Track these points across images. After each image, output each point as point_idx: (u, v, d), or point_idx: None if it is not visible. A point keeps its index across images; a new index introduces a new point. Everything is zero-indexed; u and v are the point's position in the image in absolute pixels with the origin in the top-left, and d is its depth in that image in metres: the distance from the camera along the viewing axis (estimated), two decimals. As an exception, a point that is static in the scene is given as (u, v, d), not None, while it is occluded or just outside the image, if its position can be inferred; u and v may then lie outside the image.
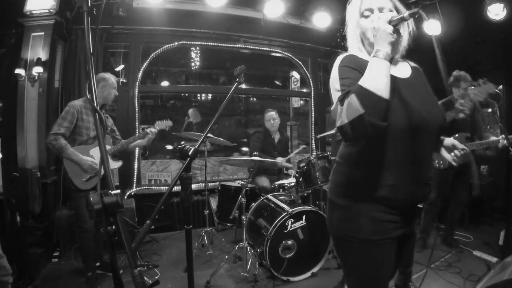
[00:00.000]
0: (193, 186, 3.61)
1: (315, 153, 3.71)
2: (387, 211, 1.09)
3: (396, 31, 1.02)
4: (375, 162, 1.07)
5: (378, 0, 1.15)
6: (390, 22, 1.01)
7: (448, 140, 1.27)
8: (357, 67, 1.08)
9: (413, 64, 1.28)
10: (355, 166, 1.13)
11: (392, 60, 1.02)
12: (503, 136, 2.40)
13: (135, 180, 3.80)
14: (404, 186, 1.08)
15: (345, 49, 1.43)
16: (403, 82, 1.13)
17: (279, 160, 3.48)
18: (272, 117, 3.68)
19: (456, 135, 2.81)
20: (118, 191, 0.80)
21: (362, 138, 1.04)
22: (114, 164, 2.70)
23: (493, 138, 2.59)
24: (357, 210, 1.10)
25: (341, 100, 0.98)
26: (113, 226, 0.80)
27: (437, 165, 2.97)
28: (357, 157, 1.12)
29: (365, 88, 0.94)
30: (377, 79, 0.96)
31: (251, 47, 4.34)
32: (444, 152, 1.28)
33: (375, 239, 1.09)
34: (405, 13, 1.00)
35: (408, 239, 1.23)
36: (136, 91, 3.81)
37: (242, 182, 2.84)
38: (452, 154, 1.23)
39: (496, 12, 3.05)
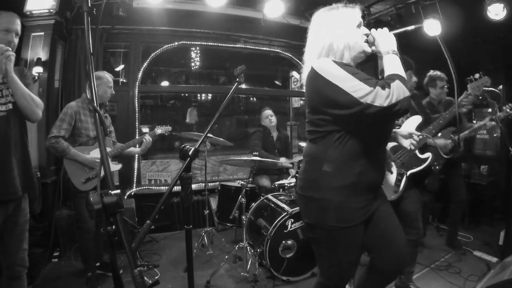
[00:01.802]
0: (193, 186, 3.62)
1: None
2: (357, 200, 1.26)
3: None
4: (341, 155, 1.24)
5: (361, 15, 1.34)
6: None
7: (403, 130, 1.60)
8: (351, 66, 1.28)
9: None
10: (326, 161, 1.26)
11: None
12: (490, 117, 2.46)
13: (135, 180, 3.80)
14: (370, 172, 1.27)
15: None
16: None
17: (282, 160, 3.48)
18: (269, 114, 3.72)
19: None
20: (118, 191, 0.80)
21: (402, 114, 1.23)
22: (114, 167, 2.70)
23: (480, 122, 2.66)
24: (331, 201, 1.25)
25: (382, 86, 1.13)
26: (113, 226, 0.80)
27: (432, 168, 2.97)
28: (327, 154, 1.26)
29: (403, 77, 1.18)
30: (402, 70, 1.21)
31: (251, 47, 4.34)
32: (402, 140, 1.59)
33: (346, 226, 1.26)
34: (410, 27, 1.31)
35: (373, 214, 1.37)
36: (136, 91, 3.81)
37: (242, 182, 2.84)
38: (411, 140, 1.57)
39: (496, 12, 3.04)
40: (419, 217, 2.12)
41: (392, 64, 1.22)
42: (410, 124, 1.91)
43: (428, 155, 2.06)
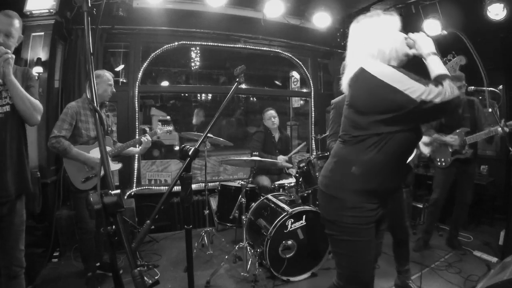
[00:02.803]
0: (193, 186, 3.61)
1: (315, 153, 3.72)
2: (373, 201, 1.32)
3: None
4: (371, 160, 1.29)
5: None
6: None
7: (426, 138, 1.72)
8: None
9: None
10: (355, 164, 1.31)
11: None
12: (502, 124, 2.43)
13: (135, 180, 3.80)
14: (391, 180, 1.35)
15: (345, 48, 1.46)
16: None
17: (280, 158, 3.48)
18: (272, 115, 3.69)
19: (457, 130, 2.83)
20: (118, 191, 0.80)
21: (452, 111, 1.36)
22: (114, 166, 2.70)
23: (490, 128, 2.63)
24: (352, 201, 1.32)
25: (436, 85, 1.18)
26: (113, 226, 0.80)
27: (439, 163, 2.95)
28: (358, 157, 1.31)
29: (451, 76, 1.24)
30: (446, 69, 1.28)
31: (251, 47, 4.34)
32: (423, 148, 1.68)
33: (362, 223, 1.32)
34: (443, 31, 1.51)
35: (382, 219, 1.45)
36: (136, 91, 3.81)
37: (242, 182, 2.83)
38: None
39: (496, 12, 3.04)
40: (405, 216, 2.18)
41: (437, 64, 1.29)
42: None
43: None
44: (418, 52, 1.35)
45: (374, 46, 1.35)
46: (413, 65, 1.37)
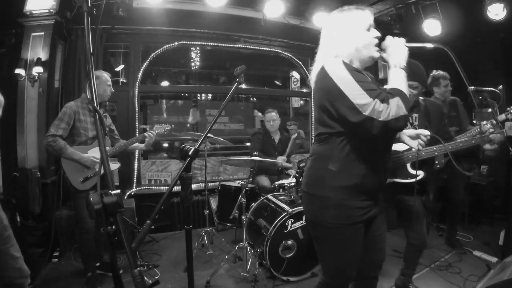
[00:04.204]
0: (193, 186, 3.61)
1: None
2: (359, 198, 1.28)
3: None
4: (347, 156, 1.26)
5: (372, 17, 1.32)
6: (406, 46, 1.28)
7: (411, 131, 1.54)
8: (360, 72, 1.25)
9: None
10: (332, 160, 1.28)
11: None
12: (486, 122, 2.40)
13: (135, 180, 3.80)
14: (372, 174, 1.28)
15: None
16: None
17: (279, 159, 3.48)
18: (272, 118, 3.67)
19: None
20: (118, 191, 0.80)
21: (397, 132, 1.28)
22: (112, 166, 2.69)
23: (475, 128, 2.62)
24: (334, 199, 1.28)
25: (382, 100, 1.13)
26: (113, 226, 0.80)
27: (433, 166, 2.95)
28: (333, 154, 1.28)
29: (405, 94, 1.18)
30: (405, 86, 1.22)
31: (251, 47, 4.34)
32: (409, 141, 1.55)
33: (347, 223, 1.28)
34: (429, 44, 1.31)
35: (374, 220, 1.41)
36: (136, 91, 3.81)
37: (242, 182, 2.83)
38: (419, 140, 1.52)
39: (496, 12, 3.04)
40: (422, 223, 2.07)
41: (397, 78, 1.23)
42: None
43: (419, 173, 1.86)
44: (386, 58, 1.29)
45: (337, 43, 1.30)
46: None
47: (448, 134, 2.08)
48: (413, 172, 1.89)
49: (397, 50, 1.27)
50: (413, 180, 1.88)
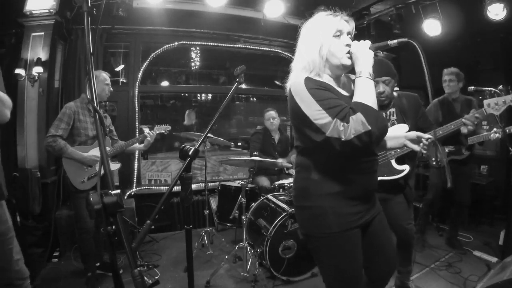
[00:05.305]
0: (193, 186, 3.61)
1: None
2: (348, 204, 1.23)
3: (374, 55, 1.20)
4: (327, 164, 1.22)
5: (344, 23, 1.23)
6: (370, 48, 1.18)
7: (412, 133, 1.44)
8: (323, 87, 1.16)
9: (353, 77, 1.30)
10: (313, 170, 1.24)
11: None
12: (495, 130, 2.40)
13: (135, 180, 3.80)
14: (357, 178, 1.23)
15: None
16: (349, 99, 1.21)
17: (280, 160, 3.47)
18: (271, 116, 3.67)
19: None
20: (118, 191, 0.80)
21: (365, 150, 1.16)
22: (112, 166, 2.70)
23: (484, 133, 2.61)
24: (321, 207, 1.23)
25: (342, 118, 1.07)
26: (113, 226, 0.80)
27: (434, 163, 2.93)
28: (313, 163, 1.25)
29: (368, 105, 1.09)
30: (372, 97, 1.12)
31: (251, 47, 4.34)
32: (411, 145, 1.42)
33: (341, 230, 1.22)
34: (393, 41, 1.19)
35: (371, 224, 1.34)
36: (136, 91, 3.81)
37: (242, 182, 2.83)
38: (421, 144, 1.41)
39: (496, 12, 3.04)
40: (404, 218, 2.05)
41: (361, 89, 1.14)
42: (396, 131, 1.72)
43: (405, 167, 1.89)
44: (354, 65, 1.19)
45: (304, 54, 1.24)
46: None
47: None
48: (399, 168, 1.90)
49: (361, 56, 1.17)
50: (401, 175, 1.89)
